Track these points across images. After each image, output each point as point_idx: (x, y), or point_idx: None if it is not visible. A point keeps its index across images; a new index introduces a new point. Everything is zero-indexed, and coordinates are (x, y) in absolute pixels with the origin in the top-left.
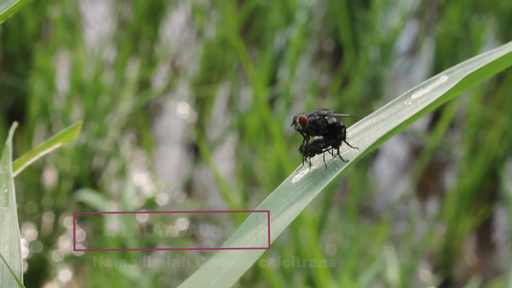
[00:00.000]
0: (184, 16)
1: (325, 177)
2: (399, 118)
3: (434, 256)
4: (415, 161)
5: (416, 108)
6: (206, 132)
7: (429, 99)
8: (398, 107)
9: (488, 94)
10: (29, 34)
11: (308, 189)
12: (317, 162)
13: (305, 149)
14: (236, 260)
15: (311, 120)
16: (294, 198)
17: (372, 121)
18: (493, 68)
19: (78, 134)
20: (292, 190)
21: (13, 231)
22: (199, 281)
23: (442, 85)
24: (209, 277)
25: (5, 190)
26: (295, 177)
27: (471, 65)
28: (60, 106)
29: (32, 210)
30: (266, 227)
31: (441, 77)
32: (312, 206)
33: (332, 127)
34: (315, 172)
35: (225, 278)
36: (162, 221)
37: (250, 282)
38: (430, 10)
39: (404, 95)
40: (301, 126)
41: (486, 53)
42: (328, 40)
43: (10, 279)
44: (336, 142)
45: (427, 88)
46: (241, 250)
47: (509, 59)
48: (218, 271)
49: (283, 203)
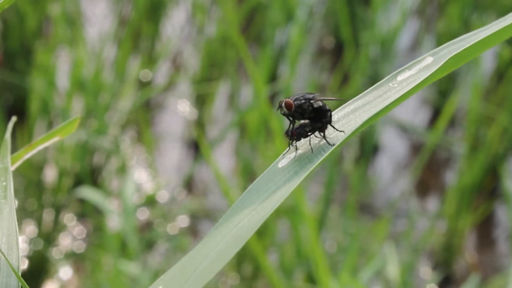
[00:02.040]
0: (185, 13)
1: (311, 161)
2: (384, 100)
3: (434, 253)
4: (415, 158)
5: (402, 89)
6: (207, 129)
7: (414, 80)
8: (383, 89)
9: (488, 91)
10: (29, 31)
11: (294, 173)
12: (303, 146)
13: (291, 133)
14: (223, 246)
15: (296, 104)
16: (281, 183)
17: (358, 104)
18: (478, 48)
19: (78, 130)
20: (278, 174)
21: (11, 223)
22: (186, 267)
23: (428, 66)
24: (196, 262)
25: (4, 183)
26: (281, 162)
27: (457, 45)
28: (60, 103)
29: (32, 207)
30: (253, 212)
31: (427, 58)
32: (313, 203)
33: (317, 111)
34: (301, 156)
35: (212, 263)
36: (162, 218)
37: (251, 279)
38: (430, 7)
39: (389, 76)
40: (287, 110)
41: (471, 33)
42: (328, 38)
43: (8, 271)
44: (322, 125)
45: (413, 69)
46: (228, 236)
47: (494, 39)
48: (205, 257)
49: (269, 187)
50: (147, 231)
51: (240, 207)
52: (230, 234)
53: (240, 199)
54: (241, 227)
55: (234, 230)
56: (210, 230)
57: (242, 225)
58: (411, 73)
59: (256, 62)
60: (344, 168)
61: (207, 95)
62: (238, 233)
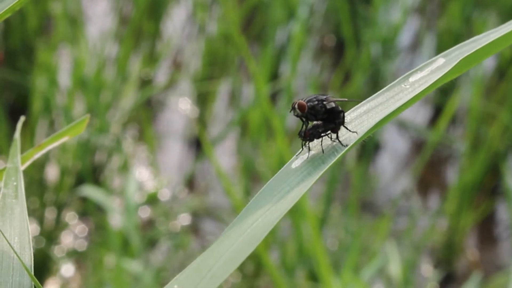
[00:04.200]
0: (186, 11)
1: (324, 162)
2: (397, 101)
3: (436, 251)
4: (416, 156)
5: (414, 91)
6: (208, 128)
7: (426, 82)
8: (396, 90)
9: (489, 89)
10: (31, 30)
11: (307, 174)
12: (316, 147)
13: (304, 134)
14: (237, 246)
15: (309, 105)
16: (294, 183)
17: (371, 105)
18: (490, 49)
19: (84, 128)
20: (292, 175)
21: (23, 223)
22: (201, 267)
23: (439, 68)
24: (211, 263)
25: (14, 183)
26: (294, 162)
27: (468, 47)
28: (62, 102)
29: (34, 205)
30: (267, 212)
31: (438, 59)
32: (314, 201)
33: (330, 112)
34: (314, 157)
35: (226, 264)
36: (164, 216)
37: (253, 277)
38: (431, 5)
39: (401, 78)
40: (300, 112)
41: (482, 34)
42: (329, 36)
43: (21, 270)
44: (335, 126)
45: (424, 71)
46: (242, 236)
47: (506, 40)
48: (220, 257)
49: (283, 188)
50: (149, 229)
51: (254, 208)
52: (244, 234)
53: (254, 200)
54: (255, 227)
55: (249, 230)
56: (225, 230)
57: (256, 225)
58: (423, 75)
59: (257, 60)
60: (346, 166)
61: (208, 94)
62: (252, 233)
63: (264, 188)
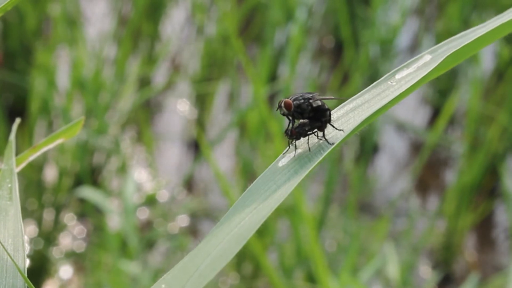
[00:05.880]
0: (184, 13)
1: (311, 160)
2: (383, 98)
3: (434, 252)
4: (415, 157)
5: (400, 88)
6: (206, 129)
7: (413, 78)
8: (382, 87)
9: (488, 90)
10: (29, 31)
11: (294, 172)
12: (303, 145)
13: (291, 132)
14: (224, 245)
15: (296, 104)
16: (281, 182)
17: (357, 103)
18: (476, 45)
19: (80, 130)
20: (278, 173)
21: (17, 225)
22: (188, 266)
23: (426, 64)
24: (198, 261)
25: (9, 185)
26: (281, 161)
27: (455, 43)
28: (60, 103)
29: (33, 206)
30: (254, 211)
31: (425, 56)
32: (312, 202)
33: (317, 110)
34: (301, 155)
35: (213, 263)
36: (162, 218)
37: (251, 278)
38: (430, 6)
39: (388, 75)
40: (286, 110)
41: (469, 30)
42: (328, 37)
43: (14, 272)
44: (321, 124)
45: (411, 67)
46: (229, 235)
47: (492, 36)
48: (207, 256)
49: (269, 186)
50: (147, 230)
51: (241, 206)
52: (231, 233)
53: (241, 198)
54: (242, 226)
55: (236, 229)
56: (212, 229)
57: (243, 224)
58: (409, 71)
59: (256, 61)
60: (344, 168)
61: (207, 95)
62: (239, 232)
63: (251, 187)
